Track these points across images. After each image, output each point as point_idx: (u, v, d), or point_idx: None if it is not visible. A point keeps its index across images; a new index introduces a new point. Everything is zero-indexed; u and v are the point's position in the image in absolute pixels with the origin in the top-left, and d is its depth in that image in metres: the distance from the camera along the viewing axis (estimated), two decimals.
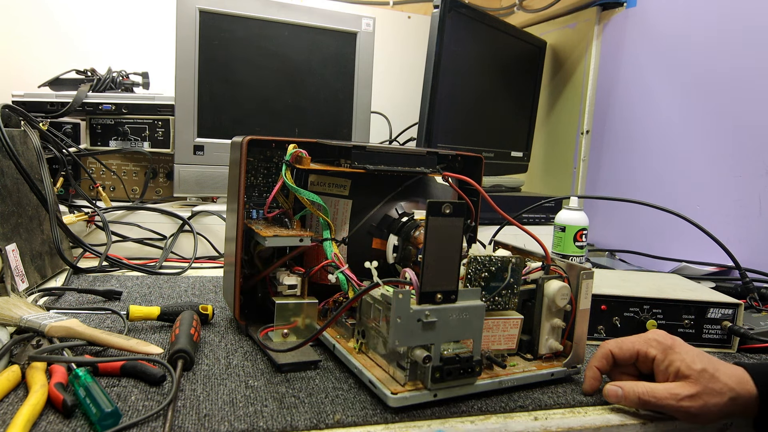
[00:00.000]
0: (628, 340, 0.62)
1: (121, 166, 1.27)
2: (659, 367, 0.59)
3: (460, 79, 1.38)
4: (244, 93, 1.26)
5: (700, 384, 0.56)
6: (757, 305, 0.94)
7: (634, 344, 0.61)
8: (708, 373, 0.56)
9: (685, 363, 0.57)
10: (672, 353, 0.59)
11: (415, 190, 0.78)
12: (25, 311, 0.66)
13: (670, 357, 0.58)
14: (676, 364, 0.58)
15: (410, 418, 0.54)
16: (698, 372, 0.56)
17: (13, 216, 0.85)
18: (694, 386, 0.56)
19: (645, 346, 0.60)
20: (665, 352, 0.59)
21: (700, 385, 0.56)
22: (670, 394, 0.56)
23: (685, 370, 0.57)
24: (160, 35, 1.61)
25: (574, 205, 1.10)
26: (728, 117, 1.22)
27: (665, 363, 0.59)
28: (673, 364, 0.58)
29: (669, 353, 0.59)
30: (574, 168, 1.65)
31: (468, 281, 0.63)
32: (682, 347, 0.59)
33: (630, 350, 0.61)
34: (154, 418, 0.50)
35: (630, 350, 0.61)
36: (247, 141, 0.70)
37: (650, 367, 0.60)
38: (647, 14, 1.44)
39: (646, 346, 0.60)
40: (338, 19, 1.32)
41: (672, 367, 0.58)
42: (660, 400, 0.56)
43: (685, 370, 0.57)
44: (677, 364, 0.58)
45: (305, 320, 0.70)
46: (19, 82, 1.41)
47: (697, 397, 0.55)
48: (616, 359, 0.62)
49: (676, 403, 0.56)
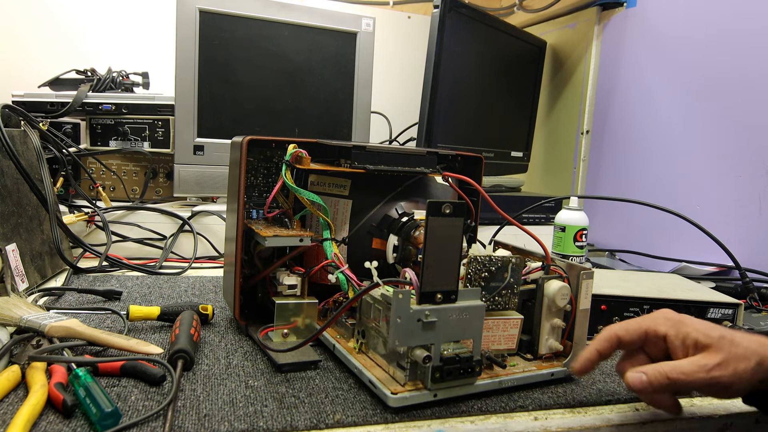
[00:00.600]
0: (634, 321, 0.57)
1: (121, 166, 1.27)
2: (674, 343, 0.54)
3: (460, 79, 1.38)
4: (244, 93, 1.26)
5: (723, 351, 0.52)
6: (757, 305, 0.94)
7: (641, 324, 0.56)
8: (727, 339, 0.52)
9: (701, 332, 0.53)
10: (684, 326, 0.54)
11: (415, 190, 0.78)
12: (25, 311, 0.66)
13: (684, 330, 0.54)
14: (693, 335, 0.53)
15: (410, 418, 0.54)
16: (718, 339, 0.52)
17: (13, 216, 0.85)
18: (718, 354, 0.51)
19: (653, 324, 0.56)
20: (676, 327, 0.55)
21: (723, 351, 0.51)
22: (698, 366, 0.51)
23: (704, 339, 0.53)
24: (160, 35, 1.61)
25: (574, 205, 1.10)
26: (728, 117, 1.22)
27: (680, 337, 0.54)
28: (689, 336, 0.54)
29: (681, 327, 0.55)
30: (574, 168, 1.65)
31: (468, 281, 0.63)
32: (692, 320, 0.55)
33: (637, 330, 0.56)
34: (154, 418, 0.50)
35: (637, 330, 0.56)
36: (247, 141, 0.70)
37: (661, 348, 0.56)
38: (647, 14, 1.44)
39: (654, 324, 0.56)
40: (338, 19, 1.32)
41: (689, 339, 0.53)
42: (690, 374, 0.51)
43: (704, 339, 0.53)
44: (693, 335, 0.53)
45: (305, 320, 0.70)
46: (19, 82, 1.41)
47: (725, 364, 0.51)
48: (622, 343, 0.57)
49: (707, 375, 0.51)
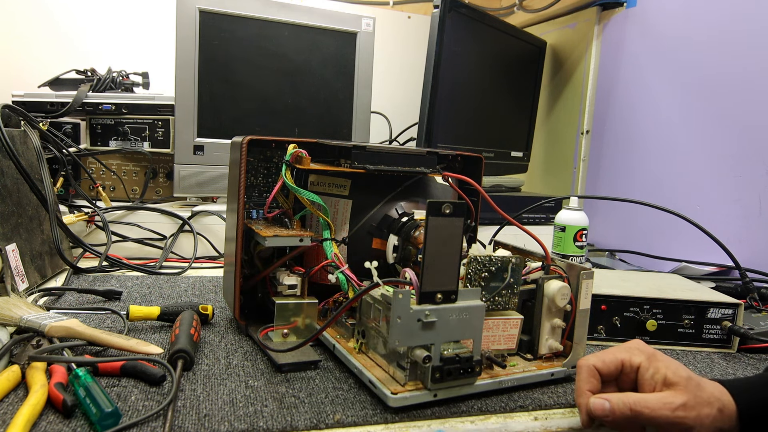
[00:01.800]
0: (609, 352, 0.58)
1: (121, 166, 1.27)
2: (645, 375, 0.55)
3: (460, 79, 1.38)
4: (244, 93, 1.26)
5: (689, 392, 0.53)
6: (757, 305, 0.94)
7: (616, 355, 0.57)
8: (694, 381, 0.53)
9: (671, 370, 0.54)
10: (656, 361, 0.56)
11: (415, 190, 0.78)
12: (25, 311, 0.66)
13: (655, 364, 0.55)
14: (663, 371, 0.54)
15: (410, 418, 0.54)
16: (685, 379, 0.53)
17: (13, 216, 0.85)
18: (684, 394, 0.52)
19: (628, 354, 0.57)
20: (650, 360, 0.56)
21: (690, 393, 0.52)
22: (663, 403, 0.52)
23: (672, 377, 0.54)
24: (160, 35, 1.61)
25: (574, 205, 1.10)
26: (728, 117, 1.22)
27: (651, 370, 0.55)
28: (659, 371, 0.55)
29: (653, 360, 0.56)
30: (574, 168, 1.65)
31: (468, 281, 0.63)
32: (663, 356, 0.56)
33: (614, 361, 0.57)
34: (154, 418, 0.50)
35: (614, 361, 0.57)
36: (247, 141, 0.70)
37: (633, 378, 0.56)
38: (647, 14, 1.44)
39: (629, 354, 0.57)
40: (338, 19, 1.32)
41: (659, 374, 0.54)
42: (654, 410, 0.52)
43: (672, 377, 0.54)
44: (663, 371, 0.54)
45: (305, 320, 0.70)
46: (19, 82, 1.41)
47: (689, 407, 0.52)
48: (601, 375, 0.57)
49: (671, 414, 0.52)
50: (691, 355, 0.78)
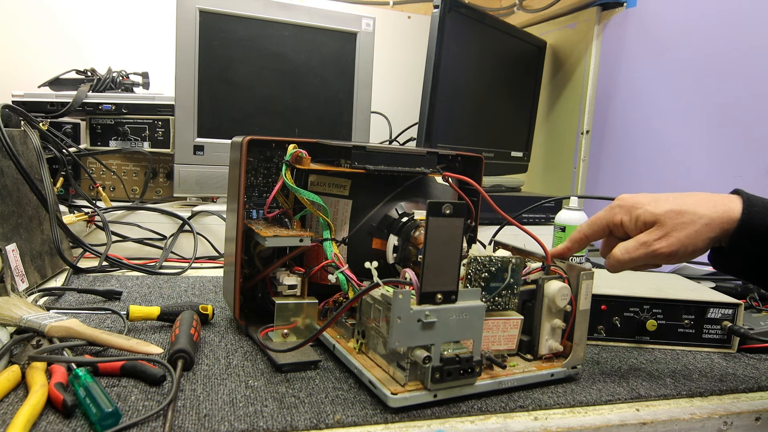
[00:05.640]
0: (596, 217, 0.62)
1: (121, 166, 1.27)
2: (629, 227, 0.59)
3: (460, 79, 1.38)
4: (244, 93, 1.26)
5: (667, 224, 0.55)
6: (757, 305, 0.94)
7: (601, 218, 0.61)
8: (674, 212, 0.55)
9: (648, 212, 0.57)
10: (635, 209, 0.58)
11: (415, 190, 0.78)
12: (25, 311, 0.66)
13: (635, 213, 0.58)
14: (642, 216, 0.57)
15: (410, 419, 0.54)
16: (663, 214, 0.55)
17: (13, 216, 0.85)
18: (661, 228, 0.55)
19: (611, 215, 0.60)
20: (629, 212, 0.58)
21: (667, 225, 0.55)
22: (640, 243, 0.56)
23: (649, 218, 0.56)
24: (160, 35, 1.61)
25: (574, 205, 1.10)
26: (728, 117, 1.22)
27: (632, 221, 0.58)
28: (639, 218, 0.57)
29: (633, 211, 0.58)
30: (574, 168, 1.65)
31: (468, 281, 0.63)
32: (644, 199, 0.58)
33: (599, 224, 0.61)
34: (154, 418, 0.50)
35: (599, 224, 0.61)
36: (247, 141, 0.70)
37: (623, 233, 0.60)
38: (647, 14, 1.44)
39: (611, 214, 0.60)
40: (338, 19, 1.32)
41: (639, 221, 0.57)
42: (632, 251, 0.56)
43: (649, 218, 0.56)
44: (643, 216, 0.57)
45: (305, 320, 0.70)
46: (19, 82, 1.40)
47: (666, 236, 0.54)
48: (589, 238, 0.62)
49: (649, 250, 0.55)
50: (691, 355, 0.78)
